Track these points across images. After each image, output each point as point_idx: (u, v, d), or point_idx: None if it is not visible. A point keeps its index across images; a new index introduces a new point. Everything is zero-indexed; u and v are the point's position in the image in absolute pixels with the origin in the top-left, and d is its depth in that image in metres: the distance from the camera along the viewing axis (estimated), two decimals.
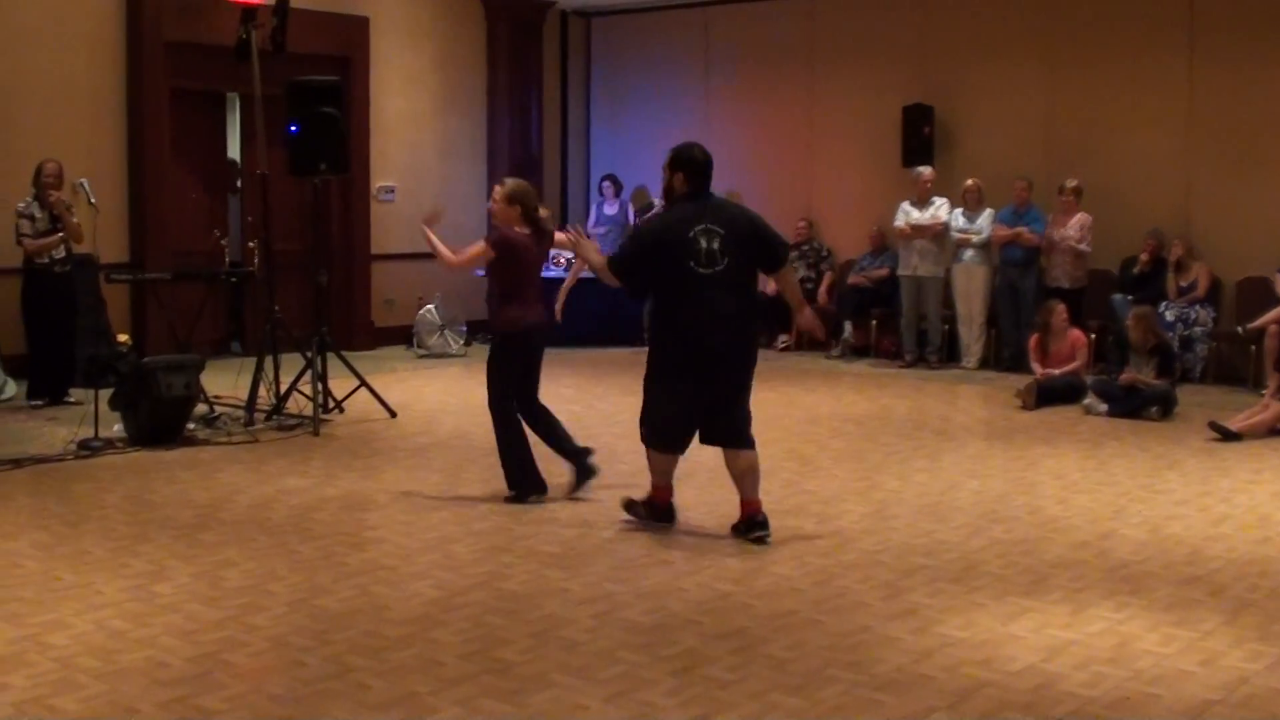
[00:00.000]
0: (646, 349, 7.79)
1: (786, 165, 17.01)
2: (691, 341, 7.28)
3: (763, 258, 7.49)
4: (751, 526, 7.40)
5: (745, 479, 7.46)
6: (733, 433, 7.44)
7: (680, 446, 7.60)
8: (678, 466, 7.70)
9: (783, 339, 16.25)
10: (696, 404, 7.38)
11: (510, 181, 8.63)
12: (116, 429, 10.24)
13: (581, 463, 8.50)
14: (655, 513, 7.73)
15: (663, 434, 7.53)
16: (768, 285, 9.71)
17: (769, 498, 8.38)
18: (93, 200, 10.69)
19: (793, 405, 12.20)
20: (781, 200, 16.87)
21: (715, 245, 7.24)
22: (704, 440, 7.54)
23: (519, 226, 8.37)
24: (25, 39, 13.28)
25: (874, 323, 15.65)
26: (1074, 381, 12.28)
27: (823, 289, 16.20)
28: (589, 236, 8.47)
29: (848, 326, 15.66)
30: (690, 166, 7.53)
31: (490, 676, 5.31)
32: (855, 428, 11.11)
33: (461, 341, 15.93)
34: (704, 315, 7.23)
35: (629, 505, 7.85)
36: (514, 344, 8.42)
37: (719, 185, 7.69)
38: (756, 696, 5.14)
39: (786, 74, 16.98)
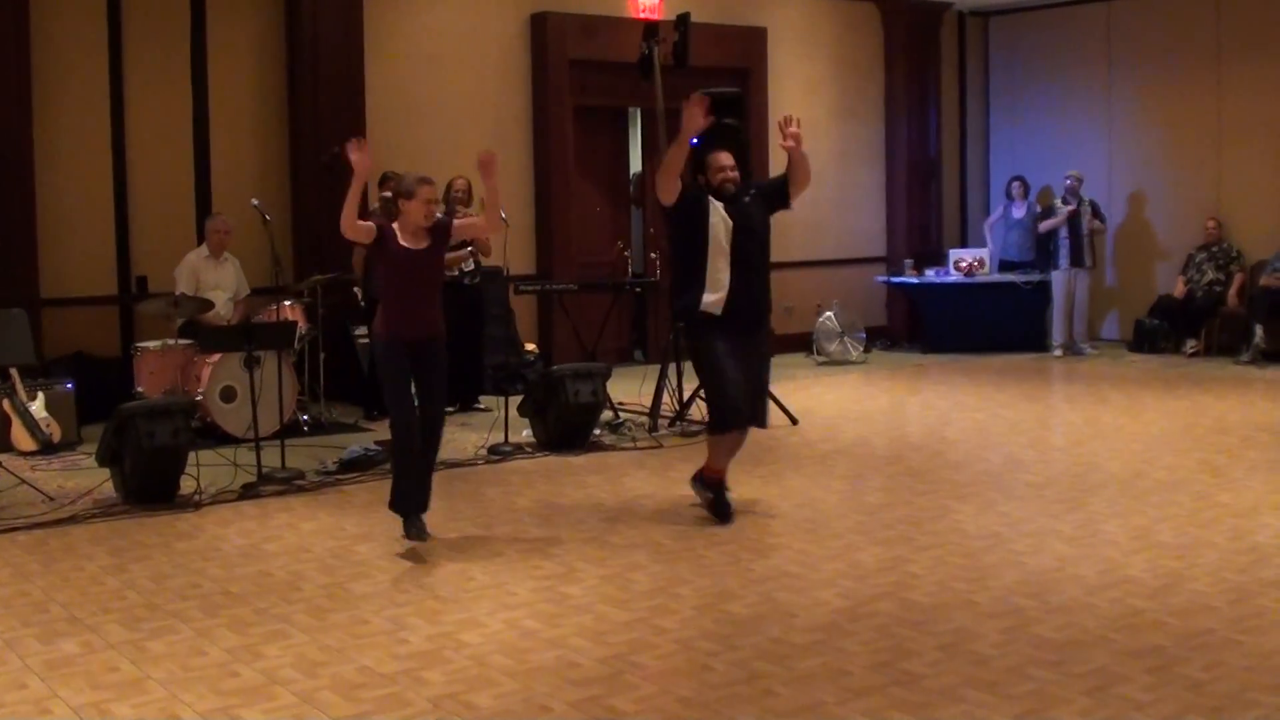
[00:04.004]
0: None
1: (1193, 163, 16.31)
2: None
3: None
4: None
5: None
6: None
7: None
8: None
9: (1190, 344, 15.58)
10: None
11: None
12: (525, 434, 10.58)
13: None
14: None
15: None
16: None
17: (1180, 509, 8.06)
18: (502, 215, 11.02)
19: (1202, 413, 11.67)
20: (1188, 199, 16.27)
21: None
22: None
23: None
24: (439, 62, 13.92)
25: None
26: None
27: (1233, 291, 15.48)
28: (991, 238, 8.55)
29: (1259, 330, 14.89)
30: None
31: (898, 689, 5.23)
32: (1269, 437, 10.51)
33: (861, 348, 15.84)
34: None
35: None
36: None
37: (1122, 183, 7.42)
38: (1173, 719, 4.90)
39: (1192, 68, 16.28)
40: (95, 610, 6.40)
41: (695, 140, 11.07)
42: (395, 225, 7.75)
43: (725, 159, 8.19)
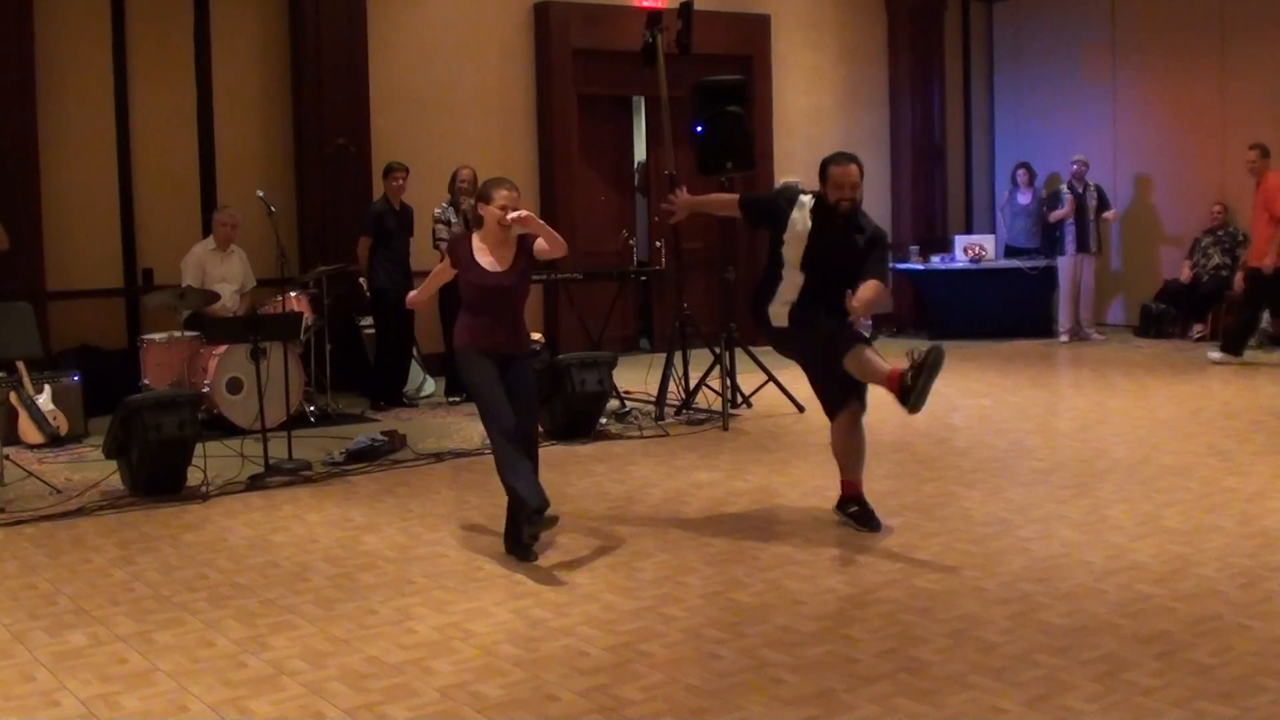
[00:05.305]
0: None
1: (1198, 147, 16.28)
2: None
3: None
4: None
5: None
6: None
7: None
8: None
9: (1197, 329, 15.57)
10: None
11: None
12: None
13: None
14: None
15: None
16: None
17: (1187, 494, 8.04)
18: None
19: (1209, 398, 11.66)
20: (1194, 183, 16.22)
21: None
22: None
23: None
24: (443, 52, 13.92)
25: None
26: None
27: (1239, 276, 15.44)
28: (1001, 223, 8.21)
29: (1265, 315, 14.86)
30: None
31: (906, 675, 5.22)
32: (1277, 421, 10.49)
33: (867, 335, 15.76)
34: None
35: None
36: None
37: (1127, 168, 7.38)
38: (1182, 704, 4.89)
39: (1197, 52, 16.24)
40: (103, 602, 6.40)
41: (699, 127, 11.11)
42: (473, 239, 7.36)
43: (852, 175, 7.56)
